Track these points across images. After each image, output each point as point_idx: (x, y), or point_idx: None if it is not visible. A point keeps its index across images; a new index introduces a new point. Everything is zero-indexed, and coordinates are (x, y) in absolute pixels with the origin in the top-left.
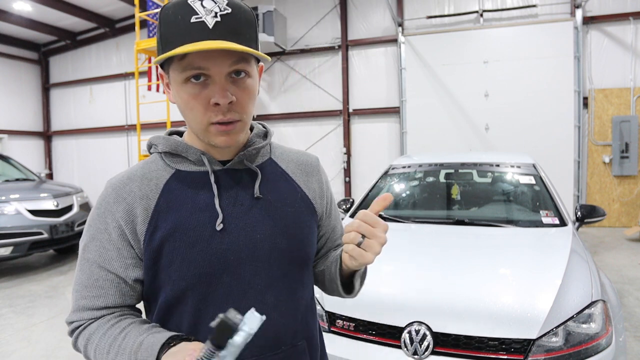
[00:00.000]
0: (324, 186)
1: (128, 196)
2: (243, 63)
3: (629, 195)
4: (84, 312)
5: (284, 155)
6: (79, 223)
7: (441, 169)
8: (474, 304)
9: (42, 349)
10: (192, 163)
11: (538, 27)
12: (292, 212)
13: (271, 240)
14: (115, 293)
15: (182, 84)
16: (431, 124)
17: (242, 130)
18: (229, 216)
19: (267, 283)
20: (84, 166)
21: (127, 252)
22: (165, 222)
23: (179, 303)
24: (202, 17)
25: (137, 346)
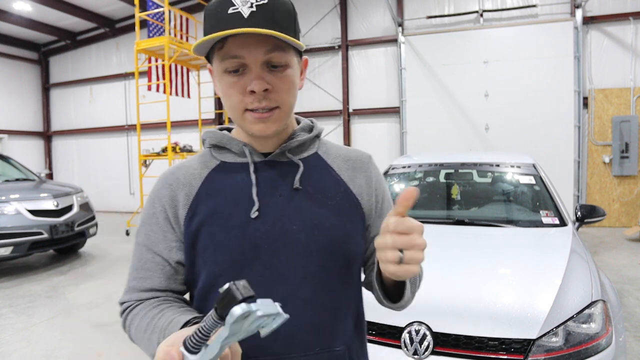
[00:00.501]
0: (373, 184)
1: (173, 183)
2: (279, 52)
3: (629, 195)
4: (133, 293)
5: (332, 150)
6: (79, 223)
7: (441, 169)
8: (474, 304)
9: (42, 349)
10: (236, 155)
11: (538, 27)
12: (332, 205)
13: (308, 232)
14: (161, 275)
15: (221, 74)
16: (431, 124)
17: (280, 120)
18: (266, 206)
19: (302, 276)
20: (84, 166)
21: (171, 235)
22: (204, 207)
23: (213, 290)
24: (239, 8)
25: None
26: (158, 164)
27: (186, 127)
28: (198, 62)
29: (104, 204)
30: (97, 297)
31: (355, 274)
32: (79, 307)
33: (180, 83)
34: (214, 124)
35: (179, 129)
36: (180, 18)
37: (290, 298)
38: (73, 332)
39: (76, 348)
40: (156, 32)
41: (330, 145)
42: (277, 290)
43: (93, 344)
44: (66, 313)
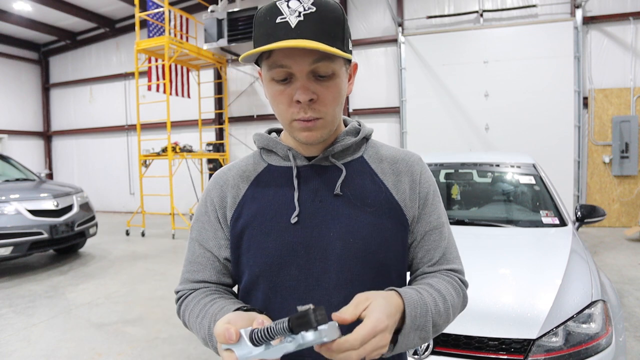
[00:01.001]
0: (417, 187)
1: (224, 184)
2: (325, 61)
3: (629, 195)
4: (187, 283)
5: (379, 154)
6: (79, 223)
7: (441, 169)
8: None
9: (42, 349)
10: (281, 158)
11: (538, 27)
12: (371, 212)
13: (344, 239)
14: (211, 269)
15: (269, 82)
16: (431, 124)
17: (325, 128)
18: (306, 211)
19: (336, 283)
20: (84, 166)
21: (221, 233)
22: (248, 210)
23: (253, 289)
24: (286, 17)
25: (219, 310)
26: (158, 164)
27: (186, 127)
28: (198, 62)
29: (104, 204)
30: (97, 297)
31: (394, 281)
32: (79, 307)
33: (180, 83)
34: (214, 124)
35: (179, 129)
36: (180, 18)
37: (325, 303)
38: (73, 332)
39: (76, 348)
40: (156, 32)
41: (379, 147)
42: (312, 295)
43: (93, 344)
44: (66, 313)
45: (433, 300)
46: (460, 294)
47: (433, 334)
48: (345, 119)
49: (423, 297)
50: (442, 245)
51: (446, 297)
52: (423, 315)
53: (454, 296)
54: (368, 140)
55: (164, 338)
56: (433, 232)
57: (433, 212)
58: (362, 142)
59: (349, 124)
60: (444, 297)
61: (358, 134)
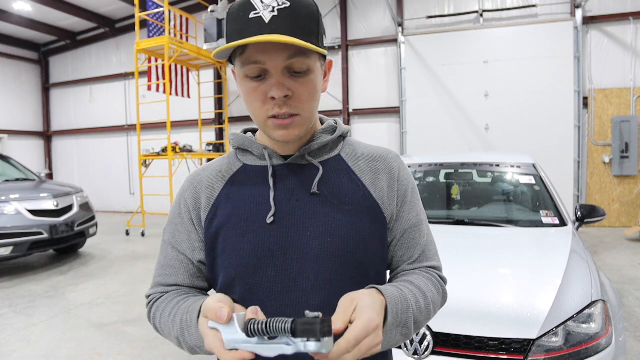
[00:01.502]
0: (396, 185)
1: (198, 185)
2: (300, 57)
3: (629, 195)
4: (158, 287)
5: (356, 152)
6: (79, 223)
7: (441, 169)
8: (474, 304)
9: (42, 349)
10: (257, 157)
11: (538, 27)
12: (349, 210)
13: (321, 238)
14: (185, 273)
15: (243, 79)
16: (431, 124)
17: (302, 125)
18: (282, 211)
19: (314, 284)
20: (84, 166)
21: (195, 235)
22: (223, 211)
23: (229, 291)
24: (260, 13)
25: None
26: (158, 164)
27: (186, 127)
28: (198, 62)
29: (104, 204)
30: (97, 297)
31: (373, 279)
32: (79, 307)
33: (180, 83)
34: (214, 124)
35: (179, 129)
36: (180, 18)
37: (302, 305)
38: (73, 332)
39: (76, 348)
40: (156, 32)
41: (356, 145)
42: (290, 296)
43: (93, 344)
44: (66, 313)
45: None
46: (439, 290)
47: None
48: (321, 118)
49: (404, 293)
50: (421, 242)
51: (426, 293)
52: (404, 312)
53: (434, 292)
54: (345, 138)
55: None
56: (412, 230)
57: (412, 210)
58: (338, 140)
59: (325, 122)
60: (424, 294)
61: (335, 132)
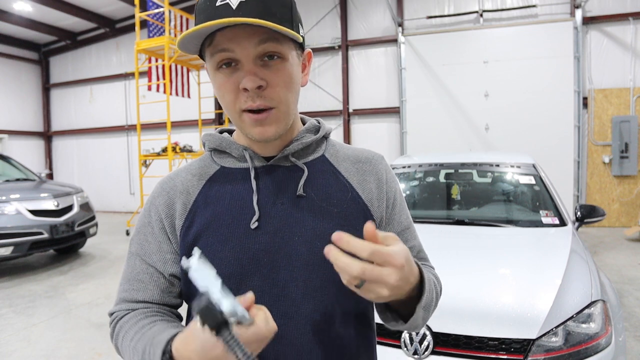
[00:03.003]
0: (384, 187)
1: (171, 190)
2: (272, 43)
3: (629, 195)
4: (124, 304)
5: (341, 152)
6: (79, 223)
7: (441, 169)
8: (474, 304)
9: (42, 349)
10: (236, 159)
11: (538, 27)
12: (338, 213)
13: (310, 243)
14: (155, 288)
15: (215, 72)
16: (431, 124)
17: (279, 120)
18: (267, 215)
19: (304, 292)
20: (84, 166)
21: (167, 247)
22: (201, 217)
23: None
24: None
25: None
26: (158, 164)
27: (186, 127)
28: (198, 62)
29: (104, 204)
30: (97, 297)
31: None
32: (79, 307)
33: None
34: (214, 124)
35: (179, 129)
36: (181, 18)
37: (293, 314)
38: (73, 332)
39: (76, 348)
40: (156, 32)
41: (339, 146)
42: (280, 306)
43: (93, 344)
44: (66, 313)
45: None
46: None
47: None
48: (302, 117)
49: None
50: (415, 245)
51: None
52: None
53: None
54: (327, 138)
55: None
56: (405, 232)
57: (402, 213)
58: (322, 140)
59: (307, 121)
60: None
61: (318, 131)
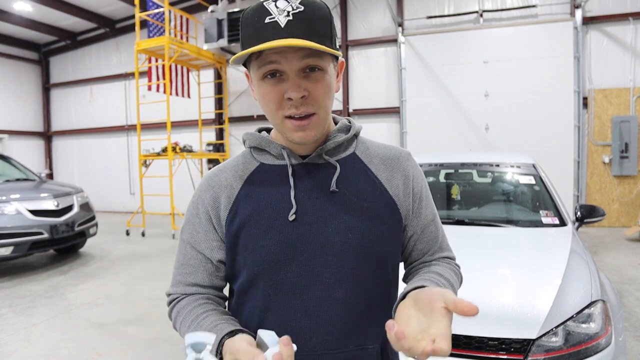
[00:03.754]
0: (411, 183)
1: (216, 185)
2: (314, 58)
3: (629, 195)
4: (179, 286)
5: (370, 150)
6: (79, 223)
7: (441, 169)
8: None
9: (42, 349)
10: (275, 157)
11: (538, 27)
12: (368, 207)
13: (343, 234)
14: (204, 272)
15: (259, 81)
16: (431, 124)
17: (319, 125)
18: (303, 208)
19: (337, 278)
20: (84, 166)
21: (213, 235)
22: (244, 209)
23: (252, 287)
24: (275, 17)
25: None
26: (158, 164)
27: (186, 127)
28: (198, 62)
29: (104, 204)
30: (97, 297)
31: (390, 273)
32: (79, 307)
33: (180, 83)
34: (214, 124)
35: (179, 129)
36: (181, 18)
37: (325, 298)
38: (73, 332)
39: (76, 348)
40: (156, 32)
41: (369, 143)
42: (314, 291)
43: (93, 344)
44: (66, 313)
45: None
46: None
47: None
48: (334, 117)
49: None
50: (439, 236)
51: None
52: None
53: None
54: (357, 137)
55: (164, 338)
56: (430, 225)
57: (428, 206)
58: (353, 138)
59: (338, 121)
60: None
61: (349, 131)
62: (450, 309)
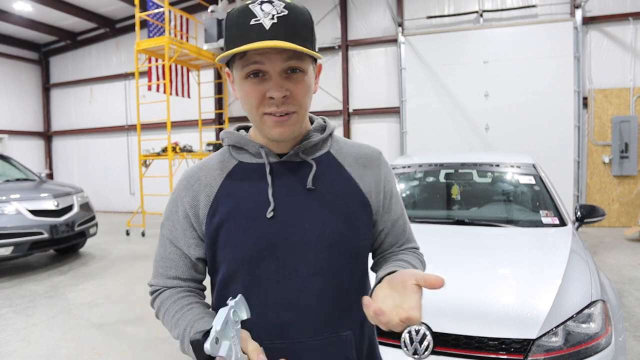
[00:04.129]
0: (382, 181)
1: (195, 184)
2: (296, 60)
3: (629, 195)
4: (161, 278)
5: (344, 148)
6: (79, 223)
7: (441, 169)
8: (474, 304)
9: (42, 349)
10: (253, 155)
11: (538, 27)
12: (342, 204)
13: (319, 230)
14: (183, 266)
15: (243, 80)
16: (431, 124)
17: (297, 123)
18: (281, 206)
19: (313, 271)
20: (84, 166)
21: (190, 233)
22: (223, 207)
23: (232, 281)
24: (260, 20)
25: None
26: (158, 164)
27: (186, 127)
28: (198, 62)
29: (104, 204)
30: (97, 297)
31: (362, 265)
32: (79, 307)
33: (180, 83)
34: (214, 124)
35: (179, 129)
36: (181, 18)
37: (302, 291)
38: (73, 332)
39: (76, 348)
40: (156, 32)
41: (342, 142)
42: (291, 284)
43: (93, 344)
44: (66, 313)
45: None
46: (423, 264)
47: None
48: (310, 117)
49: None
50: (406, 229)
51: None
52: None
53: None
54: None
55: (164, 338)
56: (399, 220)
57: (397, 202)
58: (327, 138)
59: (314, 120)
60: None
61: (324, 130)
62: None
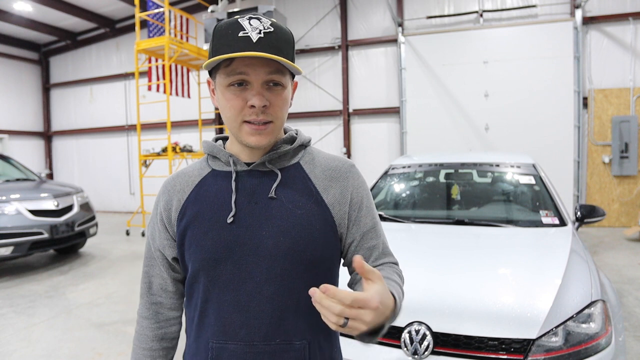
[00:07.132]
0: (349, 193)
1: (171, 189)
2: (278, 74)
3: (629, 195)
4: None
5: (315, 160)
6: (79, 223)
7: (441, 169)
8: (474, 304)
9: (42, 349)
10: (224, 164)
11: (538, 27)
12: (301, 214)
13: (275, 238)
14: (161, 264)
15: (225, 88)
16: (431, 124)
17: (273, 133)
18: (242, 212)
19: (267, 277)
20: (84, 166)
21: (164, 235)
22: (191, 211)
23: (195, 281)
24: (248, 33)
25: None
26: (158, 164)
27: (186, 127)
28: (198, 62)
29: (104, 204)
30: (97, 297)
31: (321, 276)
32: (79, 307)
33: (180, 83)
34: (214, 124)
35: (179, 129)
36: (181, 18)
37: (255, 294)
38: (73, 332)
39: (76, 348)
40: (156, 32)
41: (316, 154)
42: (246, 286)
43: (93, 344)
44: (66, 313)
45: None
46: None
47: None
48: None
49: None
50: (379, 242)
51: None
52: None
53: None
54: (306, 147)
55: None
56: (370, 232)
57: (368, 215)
58: (299, 149)
59: (287, 132)
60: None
61: (294, 142)
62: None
